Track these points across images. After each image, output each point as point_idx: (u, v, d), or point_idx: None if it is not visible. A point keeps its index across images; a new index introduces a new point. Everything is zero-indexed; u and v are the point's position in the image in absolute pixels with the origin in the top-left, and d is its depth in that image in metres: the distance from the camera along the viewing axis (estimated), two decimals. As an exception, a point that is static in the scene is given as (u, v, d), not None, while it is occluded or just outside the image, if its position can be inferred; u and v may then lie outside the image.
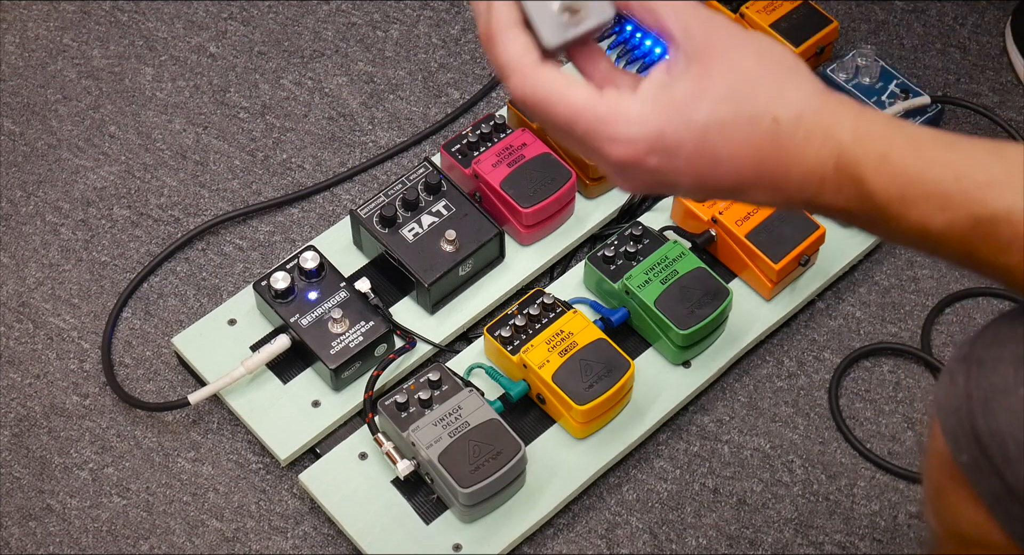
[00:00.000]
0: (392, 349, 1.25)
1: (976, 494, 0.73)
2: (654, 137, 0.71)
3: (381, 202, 1.28)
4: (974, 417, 0.72)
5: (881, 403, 1.28)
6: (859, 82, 1.39)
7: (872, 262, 1.36)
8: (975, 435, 0.72)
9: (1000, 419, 0.71)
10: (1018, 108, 1.47)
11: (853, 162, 0.70)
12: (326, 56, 1.49)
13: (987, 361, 0.73)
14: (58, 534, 1.20)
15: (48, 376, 1.28)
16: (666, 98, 0.71)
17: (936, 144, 0.70)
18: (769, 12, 1.42)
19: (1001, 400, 0.71)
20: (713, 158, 0.71)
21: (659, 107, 0.71)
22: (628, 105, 0.71)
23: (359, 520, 1.17)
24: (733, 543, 1.20)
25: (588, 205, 1.34)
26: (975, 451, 0.72)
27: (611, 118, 0.71)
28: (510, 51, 0.72)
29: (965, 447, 0.73)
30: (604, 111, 0.71)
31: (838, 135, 0.71)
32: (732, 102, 0.71)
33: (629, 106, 0.71)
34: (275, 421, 1.22)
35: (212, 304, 1.32)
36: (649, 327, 1.24)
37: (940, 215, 0.70)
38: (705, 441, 1.25)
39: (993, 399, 0.71)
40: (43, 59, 1.48)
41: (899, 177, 0.70)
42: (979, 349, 0.74)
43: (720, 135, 0.71)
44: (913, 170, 0.70)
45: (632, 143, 0.71)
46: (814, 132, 0.71)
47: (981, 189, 0.69)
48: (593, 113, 0.71)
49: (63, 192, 1.39)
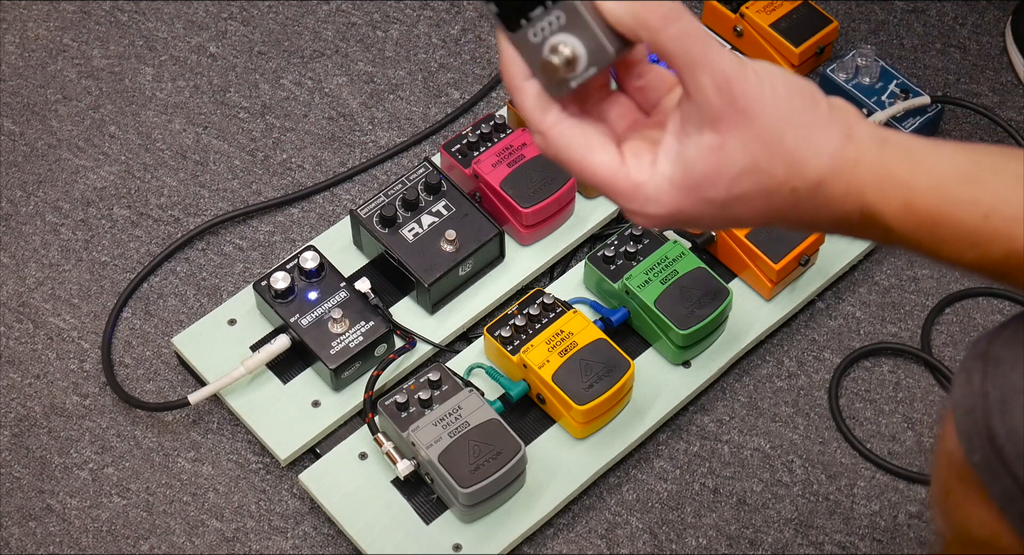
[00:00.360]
0: (392, 349, 1.25)
1: (988, 495, 0.73)
2: (673, 214, 0.72)
3: (381, 202, 1.28)
4: (990, 416, 0.71)
5: (881, 403, 1.28)
6: (859, 82, 1.39)
7: (872, 262, 1.36)
8: (990, 435, 0.71)
9: (1017, 419, 0.70)
10: (1018, 108, 1.47)
11: (877, 214, 0.71)
12: (326, 56, 1.49)
13: (1005, 360, 0.72)
14: (58, 534, 1.20)
15: (48, 376, 1.28)
16: (682, 178, 0.70)
17: (960, 181, 0.70)
18: (769, 12, 1.42)
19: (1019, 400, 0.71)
20: (733, 220, 0.73)
21: (676, 187, 0.71)
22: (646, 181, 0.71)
23: (359, 520, 1.17)
24: (733, 543, 1.20)
25: (588, 205, 1.34)
26: (989, 451, 0.71)
27: (631, 194, 0.71)
28: (526, 106, 0.72)
29: (979, 447, 0.72)
30: (623, 188, 0.71)
31: (859, 190, 0.70)
32: (749, 178, 0.70)
33: (647, 183, 0.71)
34: (275, 421, 1.22)
35: (212, 304, 1.32)
36: (649, 327, 1.24)
37: (971, 251, 0.70)
38: (705, 441, 1.25)
39: (1011, 399, 0.71)
40: (43, 59, 1.48)
41: (925, 221, 0.70)
42: (997, 347, 0.73)
43: (739, 205, 0.71)
44: (939, 213, 0.70)
45: (650, 218, 0.72)
46: (834, 192, 0.71)
47: (1010, 224, 0.69)
48: (612, 188, 0.72)
49: (63, 192, 1.39)
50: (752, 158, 0.69)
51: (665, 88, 0.74)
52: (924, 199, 0.70)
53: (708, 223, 0.73)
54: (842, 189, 0.70)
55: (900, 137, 0.72)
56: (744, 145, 0.69)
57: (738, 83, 0.68)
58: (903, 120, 1.38)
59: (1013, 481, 0.71)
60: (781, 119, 0.70)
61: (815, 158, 0.70)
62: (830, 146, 0.70)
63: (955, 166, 0.70)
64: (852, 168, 0.70)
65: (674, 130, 0.71)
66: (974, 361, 0.74)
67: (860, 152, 0.71)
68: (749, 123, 0.69)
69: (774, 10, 1.42)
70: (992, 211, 0.69)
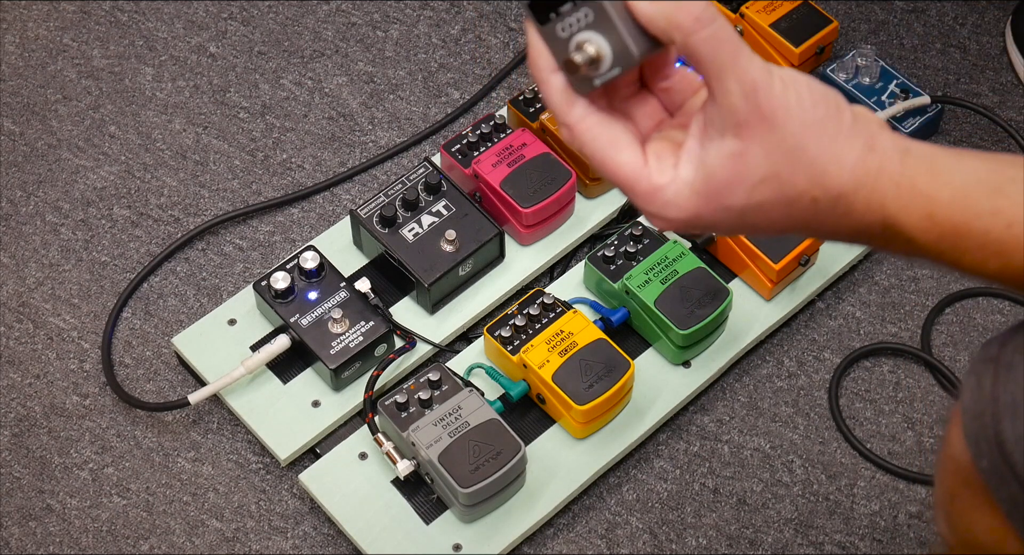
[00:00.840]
0: (392, 349, 1.25)
1: (994, 501, 0.72)
2: (692, 219, 0.72)
3: (381, 202, 1.28)
4: (1000, 421, 0.71)
5: (881, 403, 1.28)
6: (859, 82, 1.39)
7: (872, 262, 1.36)
8: (999, 440, 0.70)
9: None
10: (1018, 108, 1.47)
11: (899, 225, 0.71)
12: (326, 56, 1.49)
13: (1017, 365, 0.71)
14: (58, 534, 1.20)
15: (48, 376, 1.28)
16: (703, 184, 0.71)
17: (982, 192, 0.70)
18: (769, 12, 1.42)
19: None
20: (752, 228, 0.73)
21: (696, 192, 0.71)
22: (667, 185, 0.71)
23: (359, 520, 1.17)
24: (733, 543, 1.20)
25: (588, 205, 1.34)
26: (997, 456, 0.71)
27: (651, 196, 0.72)
28: (552, 100, 0.72)
29: (987, 452, 0.71)
30: (644, 190, 0.72)
31: (881, 201, 0.70)
32: (769, 187, 0.70)
33: (667, 186, 0.71)
34: (275, 421, 1.22)
35: (212, 304, 1.32)
36: (649, 327, 1.24)
37: (994, 260, 0.70)
38: (705, 441, 1.25)
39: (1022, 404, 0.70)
40: (43, 59, 1.48)
41: (948, 233, 0.70)
42: (1009, 352, 0.72)
43: (758, 214, 0.71)
44: (961, 223, 0.70)
45: (669, 221, 0.72)
46: (855, 204, 0.71)
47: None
48: (633, 189, 0.72)
49: (63, 192, 1.39)
50: (773, 167, 0.69)
51: (691, 90, 0.74)
52: (946, 210, 0.70)
53: (726, 230, 0.73)
54: (864, 200, 0.70)
55: (922, 147, 0.72)
56: (766, 153, 0.69)
57: (764, 91, 0.68)
58: (903, 120, 1.38)
59: (1020, 487, 0.70)
60: (805, 128, 0.69)
61: (837, 169, 0.70)
62: (852, 157, 0.70)
63: (977, 177, 0.70)
64: (874, 179, 0.70)
65: (697, 134, 0.71)
66: (985, 365, 0.73)
67: (883, 163, 0.71)
68: (772, 131, 0.69)
69: (774, 10, 1.42)
70: (1015, 220, 0.69)
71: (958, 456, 0.74)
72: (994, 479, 0.71)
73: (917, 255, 0.72)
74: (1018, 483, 0.70)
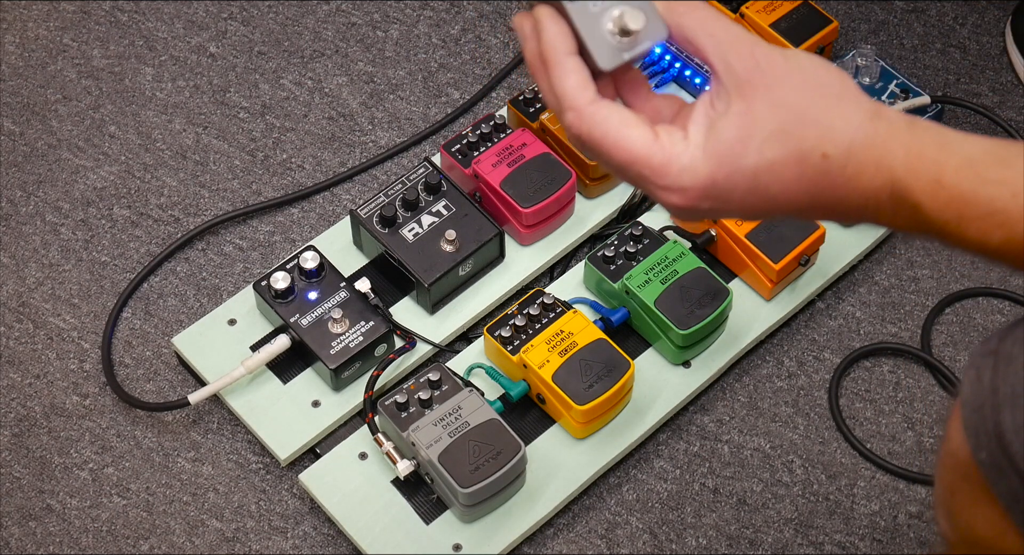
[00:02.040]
0: (392, 349, 1.25)
1: (993, 494, 0.72)
2: (707, 185, 0.72)
3: (381, 202, 1.28)
4: (999, 412, 0.71)
5: (881, 403, 1.28)
6: (859, 82, 1.39)
7: (872, 262, 1.36)
8: (998, 431, 0.70)
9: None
10: (1018, 108, 1.47)
11: (907, 190, 0.71)
12: (326, 56, 1.49)
13: (1017, 357, 0.72)
14: (58, 534, 1.20)
15: (48, 376, 1.28)
16: (714, 145, 0.71)
17: (990, 161, 0.70)
18: (769, 12, 1.42)
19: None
20: (765, 196, 0.73)
21: (708, 155, 0.71)
22: (680, 153, 0.72)
23: (359, 520, 1.17)
24: (733, 543, 1.20)
25: (588, 205, 1.34)
26: (996, 448, 0.71)
27: (664, 168, 0.72)
28: (566, 85, 0.72)
29: (986, 444, 0.71)
30: (658, 161, 0.72)
31: (889, 165, 0.71)
32: (779, 142, 0.71)
33: (680, 154, 0.72)
34: (275, 421, 1.22)
35: (212, 304, 1.32)
36: (649, 327, 1.24)
37: (998, 231, 0.70)
38: (705, 441, 1.25)
39: (1022, 395, 0.70)
40: (43, 59, 1.48)
41: (955, 200, 0.70)
42: (1008, 345, 0.73)
43: (770, 176, 0.72)
44: (968, 191, 0.70)
45: (685, 192, 0.72)
46: (865, 164, 0.71)
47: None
48: (647, 162, 0.72)
49: (63, 192, 1.39)
50: (780, 122, 0.71)
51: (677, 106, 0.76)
52: (954, 176, 0.70)
53: (740, 199, 0.73)
54: (873, 162, 0.71)
55: (928, 122, 0.73)
56: (771, 108, 0.71)
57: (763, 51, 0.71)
58: (903, 120, 1.38)
59: (1019, 479, 0.70)
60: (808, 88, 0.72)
61: (844, 124, 0.71)
62: (858, 117, 0.72)
63: (984, 148, 0.71)
64: (883, 141, 0.71)
65: (703, 107, 0.72)
66: (984, 358, 0.73)
67: (891, 129, 0.72)
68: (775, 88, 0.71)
69: (774, 10, 1.42)
70: (1020, 191, 0.69)
71: (957, 450, 0.74)
72: (993, 472, 0.72)
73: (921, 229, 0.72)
74: (1017, 475, 0.70)
